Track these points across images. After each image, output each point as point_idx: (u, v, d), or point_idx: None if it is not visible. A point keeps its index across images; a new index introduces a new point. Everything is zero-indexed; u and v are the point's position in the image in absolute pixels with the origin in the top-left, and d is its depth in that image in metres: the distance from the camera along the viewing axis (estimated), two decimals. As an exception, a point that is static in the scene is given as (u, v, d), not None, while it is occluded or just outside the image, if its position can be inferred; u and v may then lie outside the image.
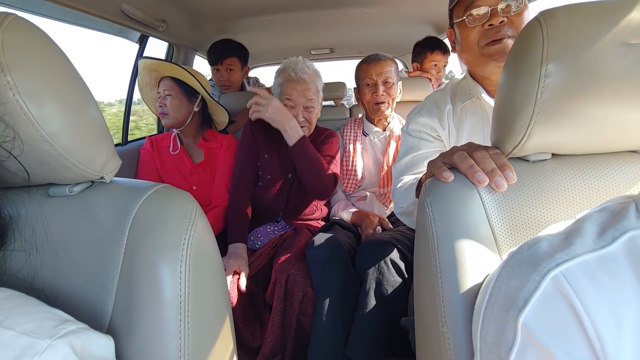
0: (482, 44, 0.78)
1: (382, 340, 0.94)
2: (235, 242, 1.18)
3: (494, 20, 0.75)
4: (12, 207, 0.45)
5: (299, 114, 1.26)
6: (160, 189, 0.48)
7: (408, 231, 1.15)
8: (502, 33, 0.75)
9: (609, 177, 0.50)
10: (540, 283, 0.31)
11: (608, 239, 0.31)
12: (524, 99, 0.44)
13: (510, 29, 0.76)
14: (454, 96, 0.91)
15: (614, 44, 0.40)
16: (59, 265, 0.44)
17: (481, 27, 0.77)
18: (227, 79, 1.87)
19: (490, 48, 0.77)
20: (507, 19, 0.75)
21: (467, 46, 0.82)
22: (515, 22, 0.75)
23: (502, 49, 0.76)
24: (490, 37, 0.77)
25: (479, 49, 0.79)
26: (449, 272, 0.45)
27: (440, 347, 0.45)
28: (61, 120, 0.39)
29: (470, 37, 0.80)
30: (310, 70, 1.29)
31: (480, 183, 0.48)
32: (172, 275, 0.42)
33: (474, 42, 0.79)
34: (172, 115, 1.34)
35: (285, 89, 1.28)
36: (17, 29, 0.37)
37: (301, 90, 1.26)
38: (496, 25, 0.76)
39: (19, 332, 0.29)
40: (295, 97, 1.26)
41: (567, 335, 0.29)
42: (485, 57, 0.79)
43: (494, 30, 0.76)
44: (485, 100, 0.84)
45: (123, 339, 0.42)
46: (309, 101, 1.26)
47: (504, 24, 0.75)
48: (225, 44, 1.85)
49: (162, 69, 1.34)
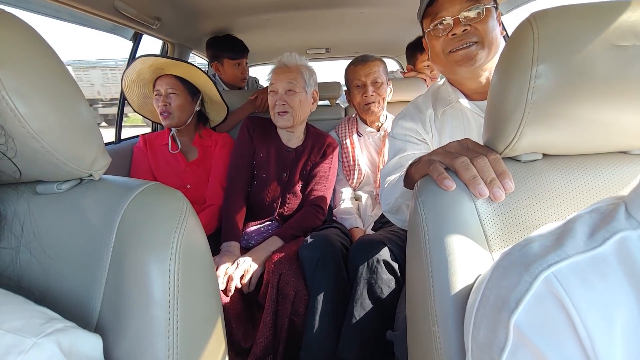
0: (447, 51, 0.81)
1: (375, 340, 0.94)
2: (229, 240, 1.18)
3: (457, 30, 0.78)
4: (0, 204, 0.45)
5: (280, 98, 1.27)
6: (150, 186, 0.47)
7: (401, 231, 1.16)
8: (465, 40, 0.78)
9: (599, 177, 0.50)
10: (532, 284, 0.31)
11: (598, 240, 0.31)
12: (515, 99, 0.44)
13: (474, 36, 0.78)
14: (435, 101, 0.93)
15: (604, 46, 0.40)
16: (46, 263, 0.44)
17: (446, 36, 0.80)
18: (247, 73, 1.95)
19: (455, 55, 0.80)
20: (470, 26, 0.77)
21: (435, 55, 0.85)
22: (479, 28, 0.77)
23: (466, 54, 0.78)
24: (454, 45, 0.79)
25: (445, 56, 0.82)
26: (440, 271, 0.45)
27: (431, 347, 0.45)
28: (49, 118, 0.39)
29: (437, 46, 0.83)
30: (297, 61, 1.30)
31: (482, 196, 0.48)
32: (161, 274, 0.42)
33: (440, 50, 0.82)
34: (177, 115, 1.32)
35: (271, 77, 1.32)
36: (4, 24, 0.36)
37: (282, 74, 1.28)
38: (459, 34, 0.78)
39: (5, 330, 0.28)
40: (277, 82, 1.28)
41: (558, 335, 0.29)
42: (452, 64, 0.81)
43: (457, 39, 0.79)
44: (464, 105, 0.87)
45: (111, 338, 0.41)
46: (289, 84, 1.27)
47: (468, 32, 0.78)
48: (240, 40, 1.89)
49: (174, 67, 1.31)
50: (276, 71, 1.30)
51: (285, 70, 1.28)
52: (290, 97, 1.27)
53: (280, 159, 1.35)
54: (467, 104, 0.86)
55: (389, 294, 0.96)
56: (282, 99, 1.27)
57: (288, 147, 1.37)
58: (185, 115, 1.35)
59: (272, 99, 1.30)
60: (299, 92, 1.28)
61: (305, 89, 1.30)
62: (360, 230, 1.36)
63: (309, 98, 1.33)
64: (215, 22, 1.80)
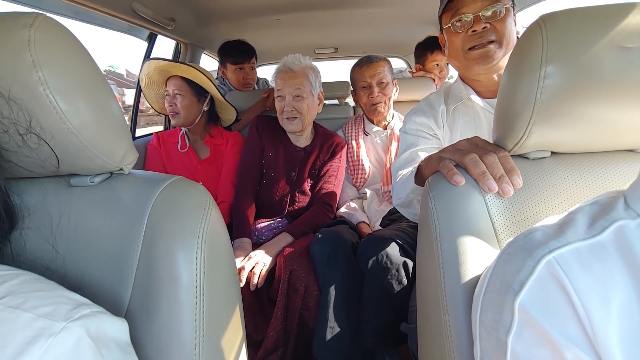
0: (466, 48, 0.82)
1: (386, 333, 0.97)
2: (241, 236, 1.21)
3: (477, 27, 0.79)
4: (35, 196, 0.48)
5: (288, 104, 1.27)
6: (176, 180, 0.50)
7: (410, 229, 1.17)
8: (485, 38, 0.79)
9: (605, 175, 0.51)
10: (535, 268, 0.33)
11: (598, 228, 0.33)
12: (524, 99, 0.46)
13: (493, 34, 0.79)
14: (447, 97, 0.95)
15: (611, 48, 0.42)
16: (80, 252, 0.46)
17: (465, 33, 0.81)
18: (252, 78, 1.93)
19: (473, 52, 0.81)
20: (490, 25, 0.79)
21: (454, 51, 0.86)
22: (498, 27, 0.79)
23: (485, 53, 0.80)
24: (473, 42, 0.81)
25: (464, 53, 0.83)
26: (451, 263, 0.47)
27: (442, 335, 0.47)
28: (86, 114, 0.41)
29: (455, 42, 0.84)
30: (301, 64, 1.29)
31: (491, 191, 0.50)
32: (189, 262, 0.45)
33: (459, 47, 0.84)
34: (183, 115, 1.36)
35: (276, 81, 1.31)
36: (46, 28, 0.39)
37: (289, 80, 1.27)
38: (479, 31, 0.80)
39: (37, 314, 0.30)
40: (283, 87, 1.28)
41: (559, 315, 0.31)
42: (469, 61, 0.83)
43: (477, 36, 0.80)
44: (476, 101, 0.88)
45: (141, 323, 0.44)
46: (296, 90, 1.27)
47: (487, 29, 0.79)
48: (245, 44, 1.89)
49: (175, 69, 1.35)
50: (281, 75, 1.29)
51: (291, 75, 1.27)
52: (298, 103, 1.28)
53: (289, 158, 1.37)
54: (478, 101, 0.88)
55: (399, 289, 0.98)
56: (290, 105, 1.27)
57: (297, 147, 1.39)
58: (192, 115, 1.38)
59: (279, 105, 1.30)
60: (307, 97, 1.29)
61: (312, 93, 1.30)
62: (366, 225, 1.38)
63: (316, 100, 1.34)
64: (227, 23, 1.83)
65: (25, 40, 0.37)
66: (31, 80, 0.37)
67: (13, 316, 0.30)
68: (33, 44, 0.37)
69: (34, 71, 0.37)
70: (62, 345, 0.30)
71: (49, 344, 0.29)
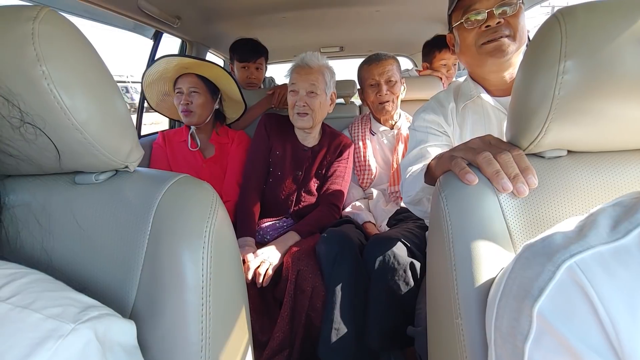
0: (480, 43, 0.82)
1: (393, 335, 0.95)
2: (245, 235, 1.20)
3: (491, 22, 0.79)
4: (40, 194, 0.47)
5: (300, 99, 1.26)
6: (182, 178, 0.49)
7: (417, 229, 1.16)
8: (499, 33, 0.79)
9: (624, 174, 0.50)
10: (555, 273, 0.31)
11: (622, 231, 0.31)
12: (541, 95, 0.45)
13: (507, 29, 0.79)
14: (456, 95, 0.94)
15: (631, 42, 0.40)
16: (84, 251, 0.46)
17: (479, 28, 0.81)
18: (256, 77, 1.92)
19: (487, 46, 0.81)
20: (503, 19, 0.79)
21: (466, 47, 0.85)
22: (512, 22, 0.79)
23: (499, 46, 0.79)
24: (487, 37, 0.80)
25: (477, 49, 0.83)
26: (464, 265, 0.46)
27: (454, 338, 0.46)
28: (91, 110, 0.41)
29: (468, 38, 0.83)
30: (319, 62, 1.29)
31: (505, 190, 0.49)
32: (195, 262, 0.44)
33: (472, 42, 0.83)
34: (198, 113, 1.34)
35: (291, 75, 1.30)
36: (50, 21, 0.38)
37: (305, 75, 1.26)
38: (493, 26, 0.79)
39: (46, 315, 0.30)
40: (298, 82, 1.27)
41: (582, 323, 0.29)
42: (483, 55, 0.82)
43: (491, 30, 0.80)
44: (486, 100, 0.87)
45: (146, 323, 0.43)
46: (311, 86, 1.26)
47: (501, 24, 0.79)
48: (255, 43, 1.89)
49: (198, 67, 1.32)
50: (298, 70, 1.28)
51: (307, 70, 1.27)
52: (311, 99, 1.27)
53: (296, 157, 1.36)
54: (488, 99, 0.87)
55: (406, 291, 0.97)
56: (302, 100, 1.26)
57: (304, 146, 1.38)
58: (206, 114, 1.38)
59: (291, 99, 1.30)
60: (320, 94, 1.28)
61: (325, 91, 1.30)
62: (372, 225, 1.36)
63: (328, 100, 1.33)
64: (232, 21, 1.82)
65: (29, 33, 0.36)
66: (35, 75, 0.36)
67: (22, 316, 0.29)
68: (37, 37, 0.36)
69: (37, 65, 0.36)
70: (71, 347, 0.29)
71: (57, 346, 0.28)
